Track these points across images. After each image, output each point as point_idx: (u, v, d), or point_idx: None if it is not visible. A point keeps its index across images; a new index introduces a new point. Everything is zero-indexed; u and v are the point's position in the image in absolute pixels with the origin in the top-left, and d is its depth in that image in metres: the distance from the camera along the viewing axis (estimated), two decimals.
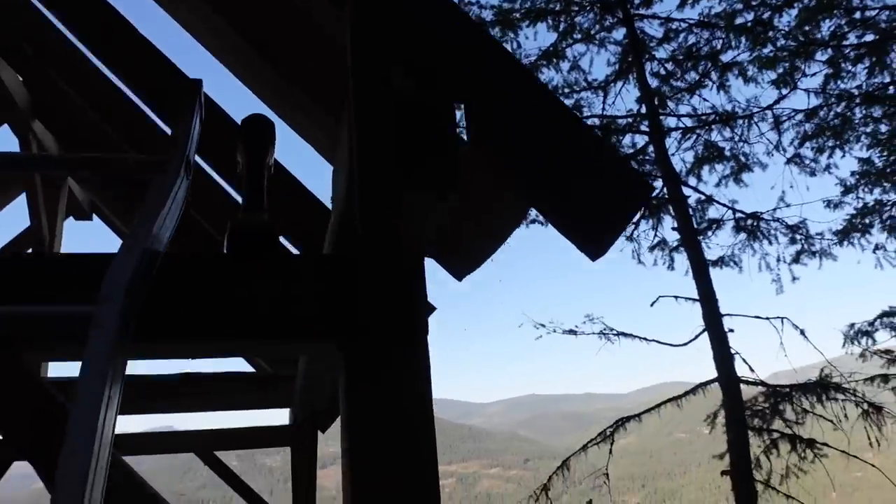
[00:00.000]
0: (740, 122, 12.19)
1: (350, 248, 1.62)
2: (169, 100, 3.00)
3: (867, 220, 12.72)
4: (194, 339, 1.52)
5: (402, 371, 1.53)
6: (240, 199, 3.11)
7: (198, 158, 3.02)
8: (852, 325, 12.19)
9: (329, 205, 3.14)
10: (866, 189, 12.92)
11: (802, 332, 10.29)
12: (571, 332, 11.28)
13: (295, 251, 3.05)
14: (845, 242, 12.55)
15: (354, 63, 1.47)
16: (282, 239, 2.93)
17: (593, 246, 1.47)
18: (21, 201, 5.55)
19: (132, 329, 1.35)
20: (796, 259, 12.27)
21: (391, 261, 1.49)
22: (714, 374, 10.00)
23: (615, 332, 11.01)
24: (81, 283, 1.46)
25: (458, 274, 1.88)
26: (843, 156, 12.85)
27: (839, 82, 12.15)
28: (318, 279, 1.53)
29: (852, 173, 12.89)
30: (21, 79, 5.08)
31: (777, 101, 12.17)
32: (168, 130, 3.60)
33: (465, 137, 1.64)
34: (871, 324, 12.11)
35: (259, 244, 1.62)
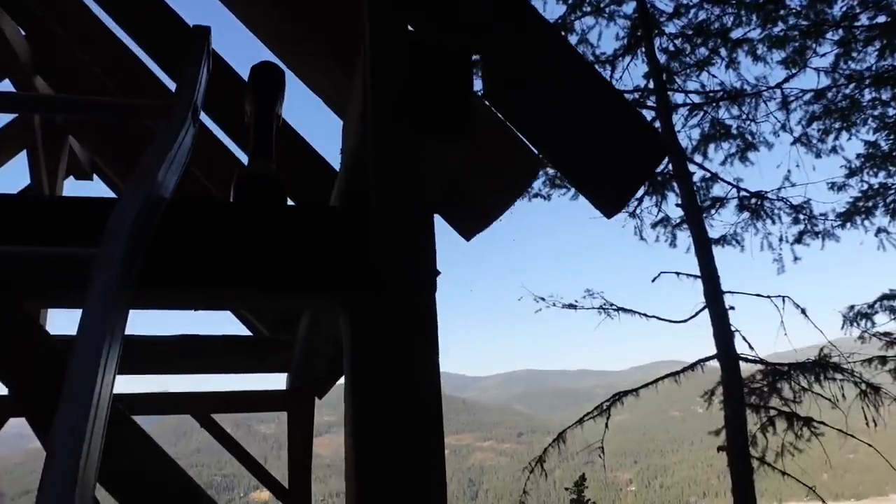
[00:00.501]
0: (748, 100, 12.07)
1: (359, 202, 1.58)
2: (176, 47, 2.93)
3: (870, 204, 12.67)
4: (197, 287, 1.48)
5: (412, 328, 1.50)
6: (244, 159, 3.06)
7: (202, 115, 2.96)
8: (852, 308, 12.21)
9: (330, 164, 3.10)
10: (871, 172, 12.86)
11: (803, 311, 10.29)
12: (571, 306, 11.27)
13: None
14: (848, 225, 12.51)
15: (371, 5, 1.42)
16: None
17: (608, 203, 1.43)
18: (20, 160, 5.48)
19: (135, 273, 1.31)
20: (799, 239, 12.25)
21: (405, 211, 1.45)
22: (713, 351, 10.00)
23: (615, 307, 11.00)
24: (83, 226, 1.42)
25: (468, 231, 1.84)
26: (850, 138, 12.77)
27: (850, 63, 12.01)
28: (327, 230, 1.50)
29: (858, 156, 12.83)
30: (23, 32, 4.98)
31: (786, 80, 12.04)
32: (174, 87, 3.53)
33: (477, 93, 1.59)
34: (871, 306, 12.14)
35: (266, 193, 1.58)
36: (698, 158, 12.47)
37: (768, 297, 10.45)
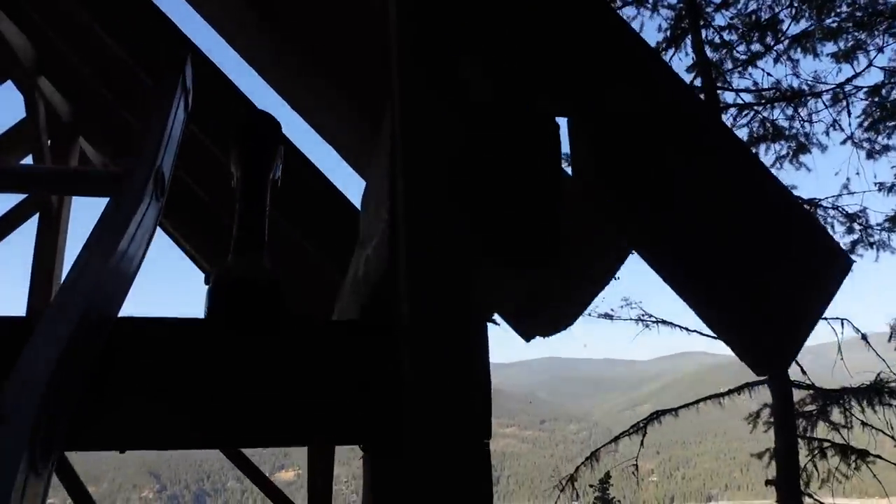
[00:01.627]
0: (803, 99, 11.30)
1: (384, 310, 1.12)
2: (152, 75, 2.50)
3: None
4: (151, 444, 1.04)
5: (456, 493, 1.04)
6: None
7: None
8: None
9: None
10: None
11: (864, 337, 9.57)
12: (607, 315, 10.75)
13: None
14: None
15: (402, 46, 0.93)
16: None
17: (762, 355, 0.93)
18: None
19: (58, 443, 0.88)
20: (852, 250, 11.56)
21: (450, 340, 0.97)
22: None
23: (654, 318, 10.46)
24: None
25: (529, 335, 1.38)
26: None
27: None
28: (338, 358, 1.04)
29: None
30: (24, 34, 4.72)
31: (850, 79, 11.23)
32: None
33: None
34: None
35: (254, 303, 1.12)
36: None
37: (825, 319, 9.77)
